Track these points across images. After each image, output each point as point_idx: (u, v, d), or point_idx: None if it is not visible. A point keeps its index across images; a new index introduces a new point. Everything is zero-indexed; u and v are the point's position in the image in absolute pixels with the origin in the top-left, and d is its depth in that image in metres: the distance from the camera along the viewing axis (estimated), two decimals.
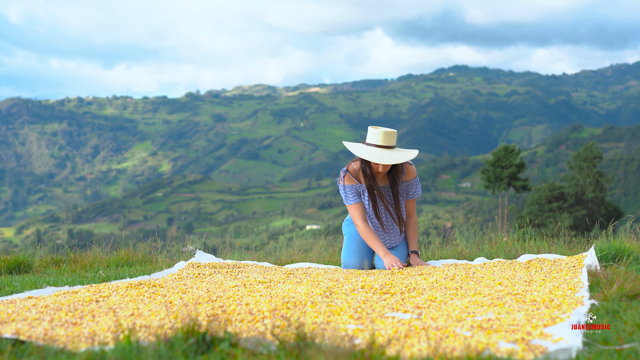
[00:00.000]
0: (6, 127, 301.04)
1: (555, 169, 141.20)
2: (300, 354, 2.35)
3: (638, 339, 2.81)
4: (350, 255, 6.23)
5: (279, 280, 5.06)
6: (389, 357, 2.20)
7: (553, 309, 3.60)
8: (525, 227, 7.60)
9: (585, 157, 55.30)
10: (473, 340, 2.94)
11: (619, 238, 5.73)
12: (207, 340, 2.72)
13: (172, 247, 7.56)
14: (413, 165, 6.28)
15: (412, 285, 4.64)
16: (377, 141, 5.91)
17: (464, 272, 5.28)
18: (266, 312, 3.59)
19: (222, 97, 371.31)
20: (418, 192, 6.35)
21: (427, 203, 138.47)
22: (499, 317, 3.37)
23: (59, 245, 8.75)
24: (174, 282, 5.07)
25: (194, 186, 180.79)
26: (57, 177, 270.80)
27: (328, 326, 3.20)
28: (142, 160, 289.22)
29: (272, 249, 8.20)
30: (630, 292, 3.78)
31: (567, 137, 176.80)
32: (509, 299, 3.94)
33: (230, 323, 3.24)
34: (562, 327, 3.10)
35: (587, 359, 2.60)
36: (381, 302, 3.97)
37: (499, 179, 55.41)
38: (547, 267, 5.39)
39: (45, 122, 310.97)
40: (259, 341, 2.76)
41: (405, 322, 3.34)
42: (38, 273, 6.53)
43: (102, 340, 2.91)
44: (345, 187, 6.17)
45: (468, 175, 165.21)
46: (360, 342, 2.38)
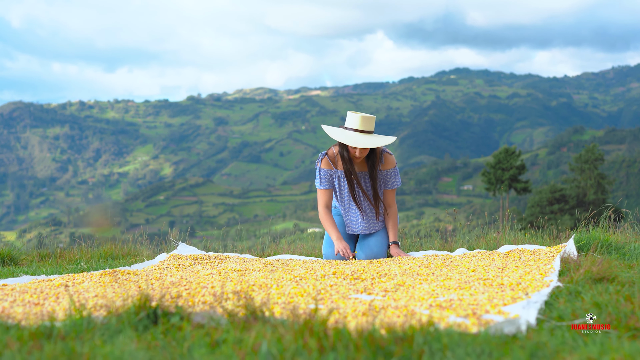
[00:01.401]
0: (8, 130, 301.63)
1: (557, 171, 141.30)
2: (249, 326, 2.33)
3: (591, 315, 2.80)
4: (331, 246, 6.24)
5: (255, 269, 5.06)
6: (331, 328, 2.18)
7: (518, 290, 3.62)
8: (527, 228, 7.61)
9: (586, 159, 55.28)
10: (424, 315, 2.95)
11: (598, 229, 5.79)
12: (159, 315, 2.70)
13: (161, 242, 7.51)
14: (392, 155, 6.31)
15: (384, 271, 4.66)
16: (355, 125, 5.94)
17: (440, 261, 5.30)
18: (230, 294, 3.58)
19: (223, 101, 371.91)
20: (397, 183, 6.34)
21: (428, 206, 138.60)
22: (461, 298, 3.38)
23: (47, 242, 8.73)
24: (151, 272, 5.04)
25: (195, 189, 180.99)
26: (59, 180, 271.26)
27: (288, 305, 3.16)
28: (143, 163, 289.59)
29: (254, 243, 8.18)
30: (597, 275, 3.83)
31: (569, 139, 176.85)
32: (477, 283, 3.94)
33: (193, 303, 3.23)
34: (520, 305, 3.12)
35: (534, 332, 2.59)
36: (349, 286, 3.98)
37: (499, 181, 55.40)
38: (525, 256, 5.39)
39: (47, 125, 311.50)
40: (210, 315, 2.76)
41: (366, 303, 3.34)
42: (22, 266, 6.50)
43: (55, 316, 2.88)
44: (320, 170, 6.24)
45: (470, 177, 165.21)
46: (302, 314, 2.35)
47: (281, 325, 2.35)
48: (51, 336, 2.45)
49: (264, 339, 2.20)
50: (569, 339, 2.43)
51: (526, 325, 2.69)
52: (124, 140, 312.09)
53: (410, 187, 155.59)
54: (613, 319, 2.65)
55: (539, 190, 55.14)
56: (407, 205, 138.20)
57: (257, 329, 2.36)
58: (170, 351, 2.24)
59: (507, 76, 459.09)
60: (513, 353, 2.21)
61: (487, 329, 2.54)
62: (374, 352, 2.13)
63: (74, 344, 2.26)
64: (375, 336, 2.17)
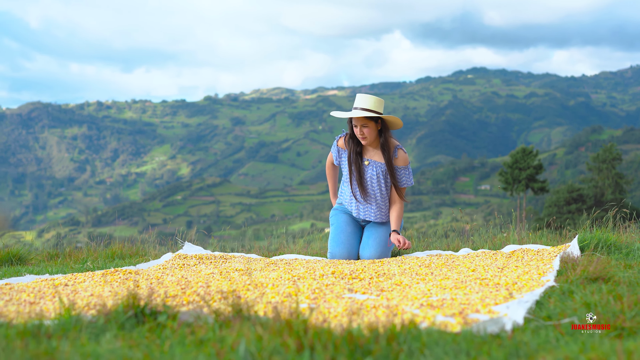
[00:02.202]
0: (27, 131, 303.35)
1: (575, 170, 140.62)
2: (234, 324, 2.36)
3: (580, 315, 2.81)
4: (338, 246, 6.27)
5: (257, 269, 5.07)
6: (311, 327, 2.19)
7: (512, 290, 3.62)
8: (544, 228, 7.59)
9: (604, 159, 55.02)
10: (411, 314, 2.96)
11: (602, 229, 5.77)
12: (147, 313, 2.73)
13: (170, 242, 7.53)
14: (406, 153, 6.40)
15: (383, 271, 4.67)
16: (354, 104, 6.26)
17: (442, 261, 5.32)
18: (225, 293, 3.59)
19: (240, 101, 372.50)
20: (408, 182, 6.39)
21: (445, 205, 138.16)
22: (454, 298, 3.38)
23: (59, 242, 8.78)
24: (154, 271, 5.06)
25: (212, 189, 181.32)
26: (77, 180, 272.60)
27: (280, 305, 3.18)
28: (161, 163, 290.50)
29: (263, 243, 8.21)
30: (592, 274, 3.83)
31: (587, 138, 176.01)
32: (474, 283, 3.95)
33: (180, 302, 3.25)
34: (510, 304, 3.12)
35: (519, 331, 2.60)
36: (346, 285, 3.99)
37: (516, 181, 55.24)
38: (528, 256, 5.38)
39: (65, 126, 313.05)
40: (197, 314, 2.77)
41: (359, 302, 3.35)
42: (30, 265, 6.54)
43: (45, 315, 2.92)
44: (335, 145, 6.56)
45: (487, 177, 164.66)
46: (284, 313, 2.37)
47: (261, 324, 2.37)
48: (39, 335, 2.48)
49: (243, 338, 2.21)
50: (552, 338, 2.44)
51: (512, 324, 2.70)
52: (141, 140, 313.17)
53: (427, 187, 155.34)
54: (601, 319, 2.65)
55: (556, 190, 54.90)
56: (425, 205, 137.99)
57: (238, 327, 2.39)
58: (150, 349, 2.26)
59: (524, 75, 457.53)
60: (491, 352, 2.22)
61: (469, 328, 2.55)
62: (352, 350, 2.15)
63: (58, 343, 2.28)
64: (354, 335, 2.19)
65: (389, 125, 6.33)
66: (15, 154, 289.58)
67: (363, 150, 6.39)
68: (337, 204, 6.68)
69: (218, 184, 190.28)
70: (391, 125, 6.35)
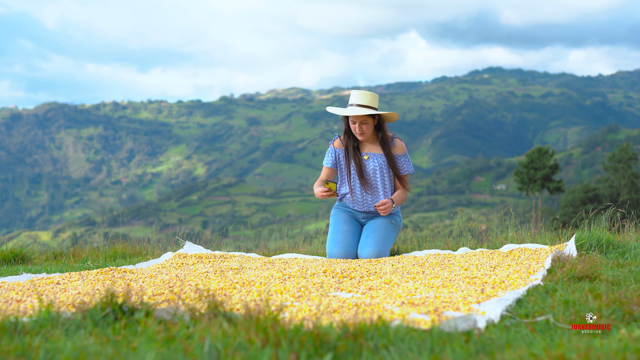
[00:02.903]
0: (43, 131, 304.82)
1: (592, 170, 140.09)
2: (208, 321, 2.39)
3: (557, 313, 2.83)
4: (336, 245, 6.29)
5: (252, 268, 5.07)
6: (279, 323, 2.22)
7: (497, 289, 3.62)
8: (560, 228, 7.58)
9: (620, 159, 54.79)
10: (390, 312, 2.98)
11: (600, 228, 5.77)
12: (125, 311, 2.76)
13: (175, 241, 7.55)
14: (402, 141, 6.49)
15: (375, 270, 4.69)
16: (350, 100, 6.26)
17: (437, 260, 5.33)
18: (201, 291, 3.61)
19: (256, 101, 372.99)
20: (409, 170, 6.48)
21: (461, 205, 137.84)
22: (437, 296, 3.39)
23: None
24: (150, 270, 5.08)
25: (228, 189, 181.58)
26: (93, 181, 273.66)
27: (262, 302, 3.20)
28: (176, 163, 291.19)
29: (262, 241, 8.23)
30: (579, 273, 3.85)
31: (603, 138, 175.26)
32: (462, 282, 3.95)
33: (165, 299, 3.28)
34: (490, 302, 3.13)
35: (492, 328, 2.61)
36: (335, 284, 4.01)
37: (532, 181, 55.15)
38: (525, 255, 5.37)
39: (81, 126, 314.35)
40: (173, 312, 2.80)
41: (342, 300, 3.37)
42: (32, 265, 6.56)
43: (27, 313, 2.95)
44: (330, 149, 6.55)
45: (503, 177, 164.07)
46: (254, 310, 2.40)
47: (229, 320, 2.41)
48: (14, 332, 2.51)
49: (209, 334, 2.24)
50: (524, 336, 2.45)
51: (485, 322, 2.70)
52: (157, 140, 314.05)
53: (443, 186, 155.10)
54: (577, 317, 2.66)
55: (572, 190, 54.77)
56: (440, 205, 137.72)
57: (206, 324, 2.42)
58: (119, 345, 2.29)
59: (540, 75, 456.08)
60: (455, 348, 2.23)
61: (440, 325, 2.56)
62: (318, 347, 2.17)
63: (31, 339, 2.31)
64: (320, 332, 2.21)
65: (385, 119, 6.38)
66: (31, 154, 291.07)
67: (360, 145, 6.44)
68: (338, 201, 6.71)
69: (234, 184, 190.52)
70: (387, 120, 6.40)
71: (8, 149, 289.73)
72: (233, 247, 7.53)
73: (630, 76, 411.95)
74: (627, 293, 3.14)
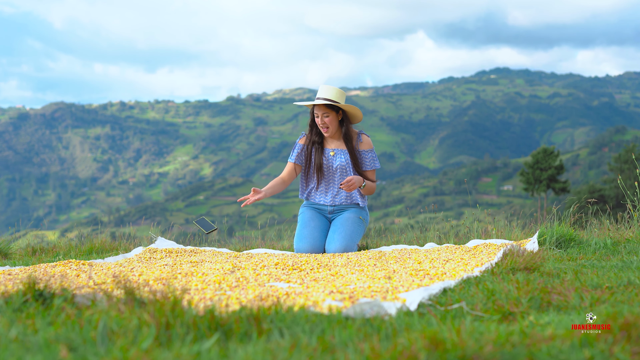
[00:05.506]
0: (50, 131, 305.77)
1: (599, 171, 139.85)
2: (124, 306, 2.46)
3: (474, 301, 2.90)
4: (302, 241, 6.33)
5: (211, 261, 5.09)
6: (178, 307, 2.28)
7: (431, 281, 3.63)
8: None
9: (626, 159, 54.64)
10: (302, 297, 3.05)
11: (563, 224, 5.78)
12: (46, 297, 2.81)
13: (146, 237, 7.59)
14: (369, 137, 6.62)
15: (325, 262, 4.73)
16: (317, 95, 6.44)
17: (397, 255, 5.32)
18: (151, 282, 3.73)
19: (263, 101, 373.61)
20: (375, 165, 6.56)
21: (468, 206, 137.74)
22: (369, 286, 3.40)
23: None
24: (110, 264, 5.10)
25: (235, 189, 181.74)
26: (100, 180, 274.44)
27: (194, 292, 3.28)
28: (183, 163, 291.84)
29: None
30: (520, 265, 3.88)
31: (611, 139, 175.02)
32: (404, 274, 3.97)
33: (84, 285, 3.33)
34: (417, 291, 3.15)
35: (405, 314, 2.66)
36: (281, 275, 4.04)
37: (538, 181, 55.17)
38: (487, 250, 5.37)
39: (89, 126, 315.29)
40: (92, 297, 2.85)
41: (277, 289, 3.40)
42: (10, 259, 6.59)
43: None
44: (296, 144, 6.72)
45: (509, 178, 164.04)
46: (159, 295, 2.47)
47: (139, 305, 2.48)
48: None
49: (105, 315, 2.30)
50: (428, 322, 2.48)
51: (396, 308, 2.75)
52: (164, 140, 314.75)
53: (449, 187, 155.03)
54: (498, 305, 2.69)
55: (577, 190, 54.67)
56: (447, 205, 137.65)
57: (106, 307, 2.47)
58: (25, 327, 2.34)
59: (547, 76, 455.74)
60: (345, 329, 2.27)
61: (345, 310, 2.60)
62: (213, 329, 2.22)
63: None
64: (215, 315, 2.26)
65: (350, 117, 6.46)
66: (38, 154, 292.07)
67: (325, 142, 6.56)
68: (304, 199, 6.78)
69: (240, 184, 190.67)
70: (352, 118, 6.51)
71: (15, 149, 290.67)
72: (232, 246, 7.49)
73: (637, 77, 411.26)
74: (551, 283, 3.18)
